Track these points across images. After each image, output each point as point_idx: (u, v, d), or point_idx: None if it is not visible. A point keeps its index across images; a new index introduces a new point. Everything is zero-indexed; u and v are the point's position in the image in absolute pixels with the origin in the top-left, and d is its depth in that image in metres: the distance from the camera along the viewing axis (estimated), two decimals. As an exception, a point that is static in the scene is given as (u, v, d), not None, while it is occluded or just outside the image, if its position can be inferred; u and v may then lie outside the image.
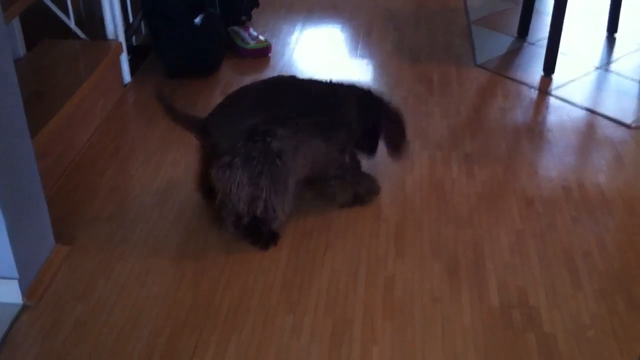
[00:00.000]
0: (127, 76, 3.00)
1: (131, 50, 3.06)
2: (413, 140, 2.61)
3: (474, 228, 2.17)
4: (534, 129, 2.71)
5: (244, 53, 3.26)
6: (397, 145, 2.26)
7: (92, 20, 2.98)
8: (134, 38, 3.21)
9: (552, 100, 2.90)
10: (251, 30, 3.36)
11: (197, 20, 2.98)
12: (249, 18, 3.53)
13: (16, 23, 2.61)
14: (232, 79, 3.07)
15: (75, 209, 2.24)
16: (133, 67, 3.04)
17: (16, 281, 1.84)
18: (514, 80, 3.05)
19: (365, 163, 2.35)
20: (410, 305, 1.88)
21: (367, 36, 3.49)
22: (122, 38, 2.91)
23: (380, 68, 3.17)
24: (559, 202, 2.29)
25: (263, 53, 3.28)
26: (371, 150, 2.30)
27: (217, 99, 2.46)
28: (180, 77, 3.04)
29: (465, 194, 2.32)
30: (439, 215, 2.23)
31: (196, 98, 2.91)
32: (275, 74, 2.00)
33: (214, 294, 1.91)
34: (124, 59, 2.95)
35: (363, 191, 2.26)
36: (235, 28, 3.36)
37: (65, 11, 2.82)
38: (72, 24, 2.84)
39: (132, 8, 3.14)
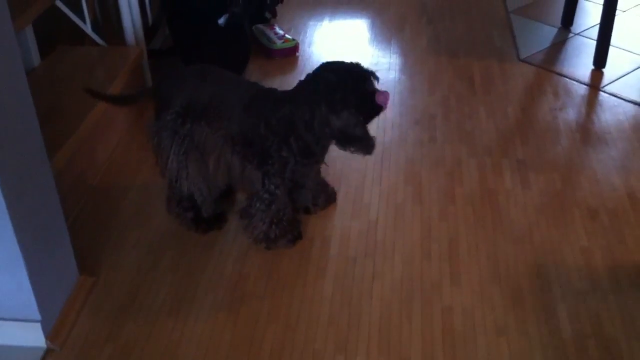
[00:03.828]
0: (149, 82, 2.81)
1: (151, 54, 2.87)
2: (458, 145, 2.41)
3: (535, 246, 1.97)
4: (589, 129, 2.49)
5: (270, 53, 3.07)
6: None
7: (109, 24, 2.79)
8: (153, 41, 3.02)
9: (605, 97, 2.68)
10: (277, 28, 3.16)
11: (221, 20, 2.79)
12: (274, 15, 3.34)
13: (29, 30, 2.42)
14: (258, 82, 2.87)
15: (98, 234, 2.06)
16: (153, 72, 2.86)
17: (39, 324, 1.67)
18: (562, 75, 2.83)
19: (405, 170, 2.16)
20: (474, 340, 1.69)
21: (399, 31, 3.27)
22: (142, 43, 2.72)
23: (417, 65, 2.96)
24: (626, 213, 2.08)
25: (291, 52, 3.08)
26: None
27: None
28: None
29: (522, 207, 2.12)
30: (495, 232, 2.03)
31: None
32: (303, 74, 1.82)
33: (254, 330, 1.73)
34: (145, 64, 2.77)
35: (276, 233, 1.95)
36: (260, 27, 3.17)
37: (80, 15, 2.63)
38: (88, 28, 2.66)
39: (151, 9, 2.94)
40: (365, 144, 1.82)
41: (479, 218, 2.08)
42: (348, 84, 1.75)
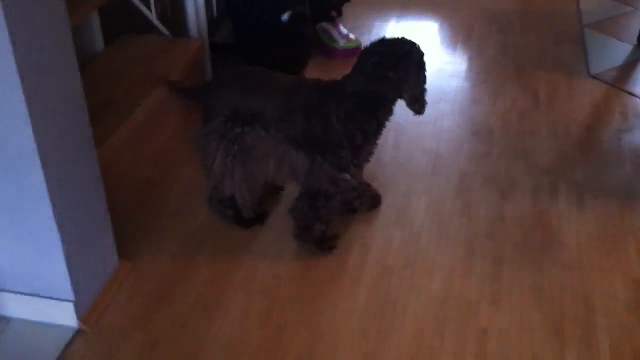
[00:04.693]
0: (209, 76, 2.83)
1: (213, 47, 2.89)
2: (514, 162, 2.33)
3: (584, 274, 1.88)
4: (657, 155, 2.37)
5: (332, 53, 3.04)
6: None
7: (177, 15, 2.82)
8: (217, 34, 3.03)
9: (678, 122, 2.55)
10: (341, 27, 3.13)
11: (284, 17, 2.78)
12: (340, 14, 3.31)
13: (95, 17, 2.47)
14: (318, 82, 2.85)
15: (143, 223, 2.08)
16: (214, 65, 2.88)
17: (72, 304, 1.70)
18: (633, 95, 2.69)
19: (457, 183, 2.10)
20: (507, 366, 1.62)
21: (467, 38, 3.19)
22: (205, 36, 2.74)
23: (481, 75, 2.88)
24: (686, 248, 1.97)
25: (353, 53, 3.02)
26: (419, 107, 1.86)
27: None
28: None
29: (574, 231, 2.02)
30: (543, 255, 1.94)
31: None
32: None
33: (282, 335, 1.71)
34: (207, 58, 2.78)
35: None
36: (325, 25, 3.14)
37: (147, 5, 2.67)
38: (154, 18, 2.69)
39: (216, 2, 2.96)
40: (422, 104, 1.85)
41: (528, 239, 2.00)
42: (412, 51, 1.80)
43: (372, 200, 2.13)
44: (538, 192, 2.19)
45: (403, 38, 1.83)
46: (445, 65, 2.96)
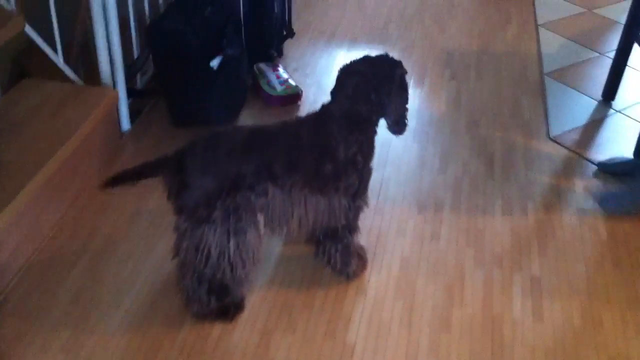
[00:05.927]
0: (125, 124, 2.50)
1: (133, 93, 2.55)
2: (465, 248, 2.06)
3: (540, 407, 1.62)
4: (625, 245, 2.12)
5: (269, 100, 2.72)
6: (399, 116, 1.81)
7: (88, 58, 2.47)
8: (138, 77, 2.68)
9: (644, 198, 2.31)
10: (280, 70, 2.82)
11: (213, 63, 2.45)
12: (279, 54, 2.99)
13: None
14: (251, 135, 2.54)
15: (26, 326, 1.75)
16: (134, 115, 2.54)
17: None
18: (595, 165, 2.45)
19: (398, 276, 1.82)
20: None
21: (419, 84, 2.92)
22: (121, 83, 2.40)
23: (432, 132, 2.60)
24: (655, 370, 1.73)
25: (292, 101, 2.74)
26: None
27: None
28: (189, 126, 2.53)
29: (529, 346, 1.76)
30: (493, 379, 1.68)
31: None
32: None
33: None
34: (123, 106, 2.44)
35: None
36: (262, 66, 2.83)
37: (53, 45, 2.31)
38: (59, 61, 2.33)
39: (138, 41, 2.61)
40: (404, 124, 1.82)
41: (476, 354, 1.73)
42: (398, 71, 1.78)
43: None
44: (489, 289, 1.92)
45: (386, 55, 1.78)
46: (392, 117, 2.67)
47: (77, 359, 1.68)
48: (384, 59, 1.77)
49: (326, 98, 1.81)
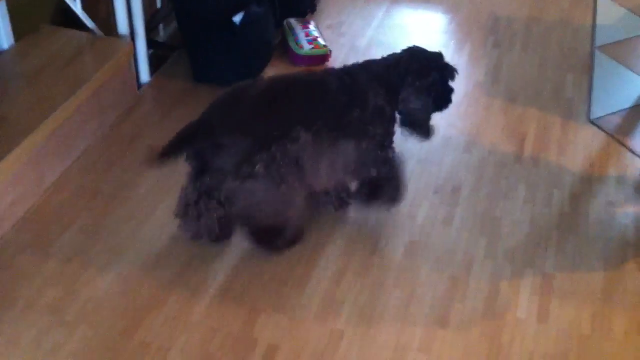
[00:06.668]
0: (145, 76, 2.43)
1: (154, 45, 2.47)
2: (477, 236, 1.94)
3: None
4: (651, 243, 1.96)
5: (294, 59, 2.61)
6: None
7: (107, 6, 2.39)
8: (162, 27, 2.60)
9: (684, 195, 2.13)
10: (311, 27, 2.69)
11: (236, 18, 2.35)
12: (312, 10, 2.86)
13: (1, 5, 2.05)
14: (272, 96, 2.44)
15: (15, 280, 1.74)
16: (154, 67, 2.47)
17: None
18: (636, 155, 2.26)
19: (401, 262, 1.72)
20: None
21: (458, 50, 2.75)
22: (140, 34, 2.33)
23: (463, 106, 2.45)
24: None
25: (319, 61, 2.62)
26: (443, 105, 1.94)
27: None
28: (210, 82, 2.44)
29: (528, 350, 1.65)
30: (484, 384, 1.59)
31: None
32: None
33: None
34: (143, 58, 2.37)
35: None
36: (292, 22, 2.70)
37: (71, -10, 2.24)
38: (78, 9, 2.27)
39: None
40: (426, 130, 1.91)
41: (469, 354, 1.63)
42: (436, 76, 1.84)
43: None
44: (496, 284, 1.81)
45: (440, 55, 1.87)
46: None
47: (63, 319, 1.66)
48: (436, 57, 1.87)
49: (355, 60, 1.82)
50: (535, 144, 2.29)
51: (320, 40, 2.63)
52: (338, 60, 2.63)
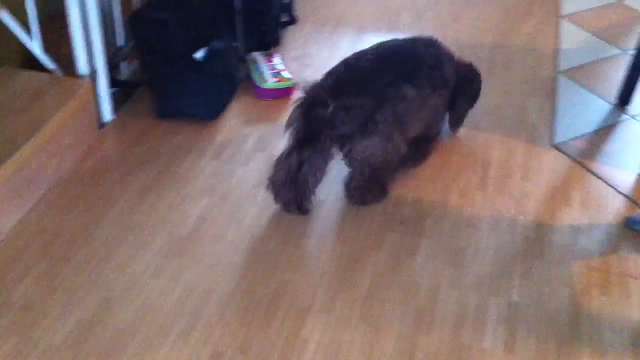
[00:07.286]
0: (107, 115, 2.42)
1: (116, 83, 2.46)
2: (442, 267, 1.93)
3: None
4: (617, 273, 1.95)
5: (260, 93, 2.61)
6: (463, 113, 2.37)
7: (65, 45, 2.38)
8: (125, 65, 2.59)
9: (648, 218, 2.14)
10: (275, 60, 2.70)
11: (198, 55, 2.34)
12: (276, 43, 2.86)
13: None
14: (236, 128, 2.44)
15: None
16: (118, 104, 2.46)
17: None
18: (600, 178, 2.28)
19: (366, 296, 1.70)
20: None
21: (422, 79, 2.75)
22: (102, 73, 2.32)
23: (427, 135, 2.45)
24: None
25: (284, 94, 2.62)
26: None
27: (209, 152, 2.30)
28: (174, 117, 2.44)
29: (495, 384, 1.64)
30: (450, 419, 1.57)
31: (186, 149, 2.32)
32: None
33: None
34: (105, 96, 2.36)
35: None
36: (256, 56, 2.71)
37: (29, 31, 2.23)
38: (37, 49, 2.26)
39: (123, 30, 2.52)
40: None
41: (435, 393, 1.62)
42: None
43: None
44: (462, 314, 1.80)
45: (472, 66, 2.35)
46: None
47: (15, 372, 1.62)
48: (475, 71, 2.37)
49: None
50: (499, 171, 2.30)
51: (285, 74, 2.63)
52: (303, 92, 2.63)
